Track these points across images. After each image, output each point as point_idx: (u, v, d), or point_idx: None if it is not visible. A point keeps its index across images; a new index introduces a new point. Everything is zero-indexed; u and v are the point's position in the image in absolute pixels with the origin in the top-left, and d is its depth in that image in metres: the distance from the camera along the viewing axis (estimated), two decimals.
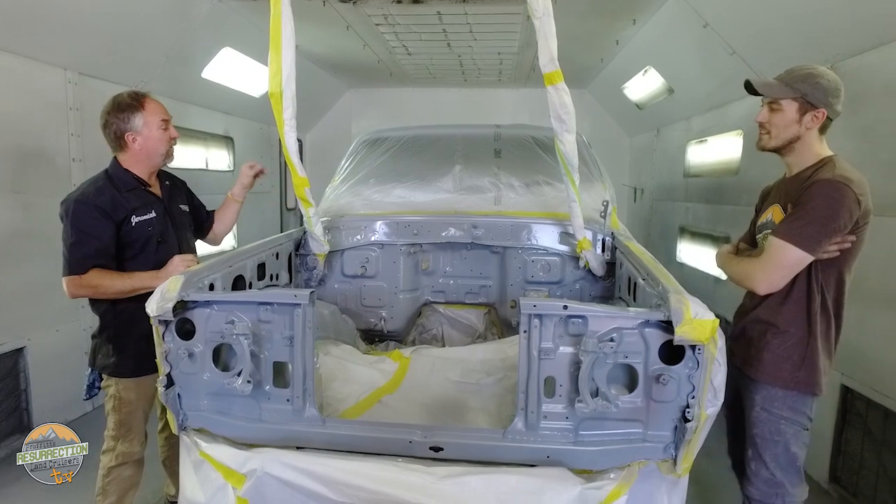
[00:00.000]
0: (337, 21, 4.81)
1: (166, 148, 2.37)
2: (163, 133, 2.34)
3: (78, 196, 2.21)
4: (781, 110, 1.97)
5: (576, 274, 3.04)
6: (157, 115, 2.32)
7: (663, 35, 4.78)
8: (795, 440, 2.00)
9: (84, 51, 3.69)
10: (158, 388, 1.90)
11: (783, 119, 1.97)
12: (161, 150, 2.35)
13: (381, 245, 3.17)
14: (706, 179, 5.16)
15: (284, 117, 2.33)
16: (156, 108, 2.33)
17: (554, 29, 2.15)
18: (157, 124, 2.31)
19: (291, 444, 1.88)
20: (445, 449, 1.78)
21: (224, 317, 1.87)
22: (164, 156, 2.37)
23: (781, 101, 1.97)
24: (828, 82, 1.92)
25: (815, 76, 1.92)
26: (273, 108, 2.33)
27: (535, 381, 1.73)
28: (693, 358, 1.61)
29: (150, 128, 2.30)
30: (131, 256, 2.29)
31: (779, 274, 1.91)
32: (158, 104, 2.36)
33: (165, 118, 2.35)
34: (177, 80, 4.76)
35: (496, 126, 3.77)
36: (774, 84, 1.99)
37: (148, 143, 2.31)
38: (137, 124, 2.28)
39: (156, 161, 2.37)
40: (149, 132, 2.30)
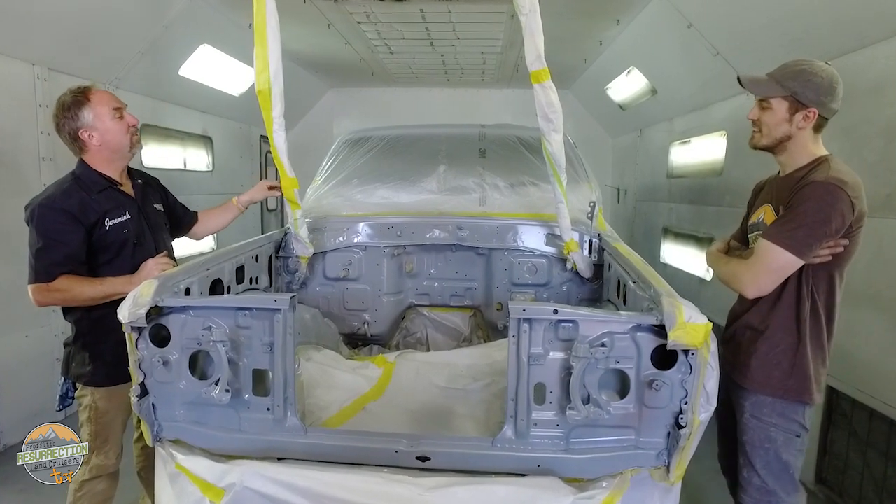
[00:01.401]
0: (318, 19, 4.72)
1: (127, 137, 2.21)
2: (118, 122, 2.18)
3: (43, 200, 2.08)
4: (771, 108, 1.90)
5: (563, 276, 3.00)
6: (105, 105, 2.15)
7: (647, 35, 4.78)
8: (787, 448, 1.93)
9: (54, 45, 3.56)
10: (131, 397, 1.81)
11: (773, 118, 1.91)
12: (122, 140, 2.19)
13: (363, 247, 3.10)
14: (690, 180, 5.18)
15: (273, 115, 2.25)
16: (102, 98, 2.16)
17: (541, 26, 2.11)
18: (108, 114, 2.15)
19: (272, 455, 1.81)
20: (433, 458, 1.72)
21: (201, 323, 1.79)
22: (130, 146, 2.23)
23: (771, 100, 1.90)
24: (821, 80, 1.83)
25: (808, 73, 1.84)
26: (261, 107, 2.24)
27: (524, 387, 1.68)
28: (686, 363, 1.57)
29: (103, 119, 2.15)
30: (107, 261, 2.19)
31: (767, 278, 1.85)
32: (105, 93, 2.19)
33: (117, 106, 2.18)
34: (153, 78, 4.64)
35: (481, 126, 3.72)
36: (763, 81, 1.92)
37: (106, 136, 2.16)
38: (88, 119, 2.12)
39: (122, 154, 2.23)
40: (102, 125, 2.15)
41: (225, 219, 2.74)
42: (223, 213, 2.74)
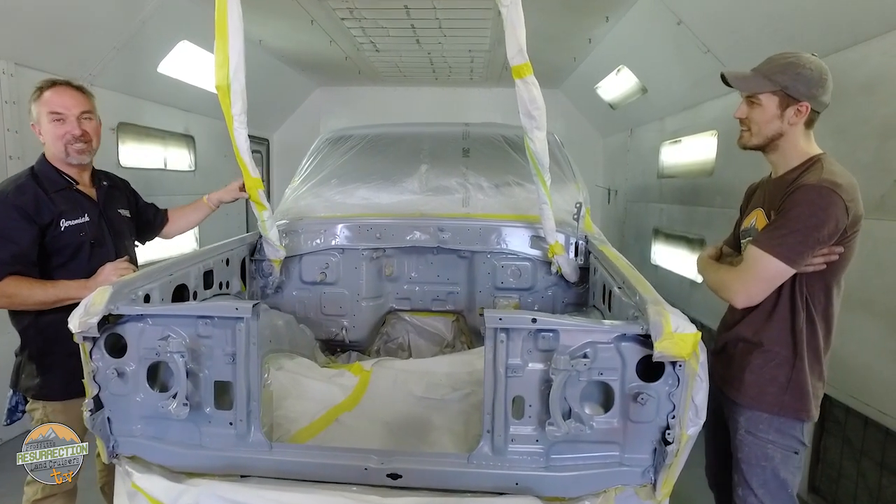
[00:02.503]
0: (300, 15, 4.61)
1: (61, 144, 2.08)
2: (55, 126, 2.06)
3: None
4: (760, 105, 1.80)
5: (548, 280, 2.90)
6: (45, 106, 2.06)
7: (636, 33, 4.70)
8: (785, 465, 1.83)
9: (21, 39, 3.41)
10: (84, 411, 1.69)
11: (763, 115, 1.80)
12: (56, 145, 2.08)
13: (341, 249, 2.98)
14: (680, 180, 5.10)
15: (233, 112, 2.14)
16: (48, 99, 2.06)
17: (522, 18, 2.00)
18: (46, 117, 2.06)
19: (235, 472, 1.70)
20: (404, 476, 1.61)
21: (159, 332, 1.68)
22: (66, 154, 2.09)
23: (760, 96, 1.79)
24: (811, 72, 1.73)
25: (797, 66, 1.74)
26: (221, 103, 2.14)
27: (501, 400, 1.58)
28: (673, 374, 1.48)
29: (42, 120, 2.07)
30: (60, 264, 2.08)
31: (757, 287, 1.75)
32: (57, 95, 2.07)
33: (55, 111, 2.06)
34: (130, 75, 4.50)
35: (465, 124, 3.62)
36: (750, 77, 1.82)
37: (46, 137, 2.09)
38: (34, 115, 2.09)
39: (61, 158, 2.11)
40: (43, 125, 2.08)
41: (195, 217, 2.66)
42: (193, 212, 2.65)
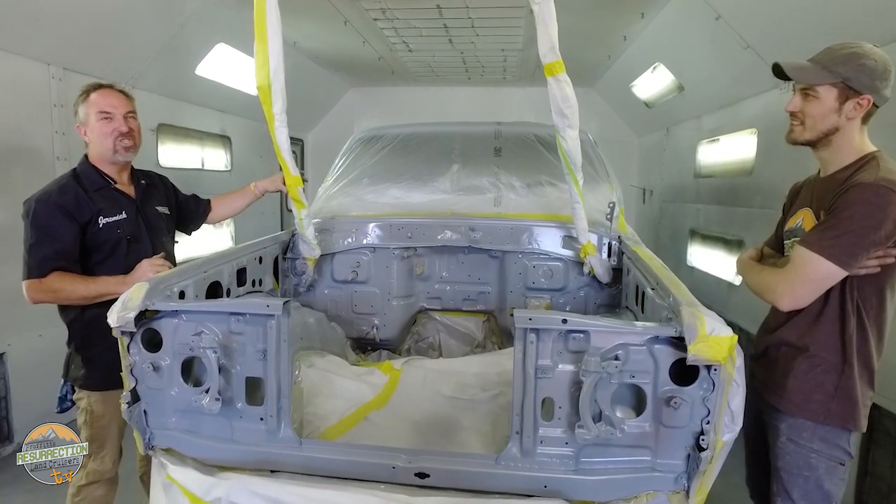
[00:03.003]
0: (334, 16, 4.66)
1: (110, 141, 2.18)
2: (101, 126, 2.17)
3: (39, 195, 2.08)
4: (817, 98, 1.69)
5: (580, 280, 2.85)
6: (95, 106, 2.16)
7: (673, 29, 4.59)
8: (829, 476, 1.74)
9: (68, 45, 3.55)
10: (122, 404, 1.74)
11: (819, 108, 1.69)
12: (104, 143, 2.18)
13: (373, 248, 3.00)
14: (718, 180, 4.96)
15: (274, 112, 2.19)
16: (96, 100, 2.17)
17: (554, 14, 1.97)
18: (94, 116, 2.16)
19: (265, 467, 1.72)
20: (432, 475, 1.61)
21: (193, 328, 1.71)
22: (113, 150, 2.20)
23: (818, 88, 1.68)
24: (875, 63, 1.62)
25: (860, 56, 1.63)
26: (262, 102, 2.19)
27: (531, 402, 1.55)
28: (708, 378, 1.43)
29: (90, 120, 2.17)
30: (99, 260, 2.16)
31: (805, 289, 1.67)
32: (103, 97, 2.18)
33: (104, 110, 2.17)
34: (169, 77, 4.63)
35: (497, 123, 3.59)
36: (809, 68, 1.70)
37: (93, 136, 2.19)
38: (81, 116, 2.18)
39: (107, 157, 2.21)
40: (91, 124, 2.17)
41: (240, 203, 2.76)
42: (239, 199, 2.76)
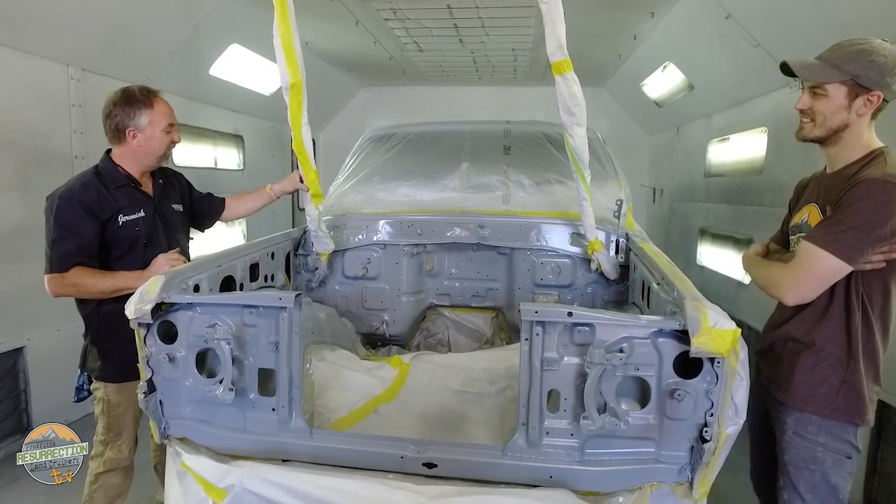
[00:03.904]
0: (345, 16, 4.71)
1: (165, 151, 2.31)
2: (165, 136, 2.28)
3: (63, 192, 2.14)
4: (826, 96, 1.69)
5: (587, 277, 2.87)
6: (164, 118, 2.27)
7: (683, 28, 4.59)
8: (836, 470, 1.74)
9: (87, 46, 3.63)
10: (138, 394, 1.80)
11: (829, 106, 1.69)
12: (159, 152, 2.30)
13: (383, 245, 3.04)
14: (728, 179, 4.95)
15: (303, 108, 2.26)
16: (164, 110, 2.27)
17: (562, 14, 2.00)
18: (161, 126, 2.26)
19: (277, 456, 1.76)
20: (439, 465, 1.64)
21: (207, 320, 1.76)
22: (161, 158, 2.32)
23: (827, 86, 1.69)
24: (885, 59, 1.62)
25: (869, 53, 1.63)
26: (291, 100, 2.24)
27: (536, 393, 1.58)
28: (712, 371, 1.45)
29: (154, 128, 2.25)
30: (118, 256, 2.22)
31: (810, 284, 1.68)
32: (168, 106, 2.30)
33: (172, 122, 2.30)
34: (184, 77, 4.70)
35: (506, 122, 3.62)
36: (817, 66, 1.70)
37: (149, 143, 2.25)
38: (142, 122, 2.22)
39: (150, 162, 2.32)
40: (152, 132, 2.24)
41: (254, 204, 2.80)
42: (254, 199, 2.79)
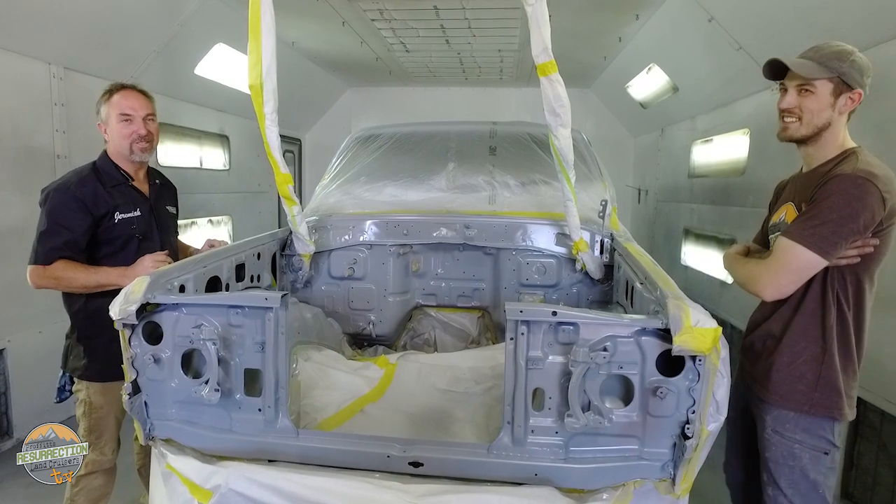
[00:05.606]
0: (332, 16, 4.70)
1: (126, 143, 2.26)
2: (121, 127, 2.24)
3: (59, 185, 2.15)
4: (814, 93, 1.73)
5: (573, 277, 2.90)
6: (116, 108, 2.24)
7: (667, 31, 4.65)
8: (814, 466, 1.78)
9: (70, 45, 3.59)
10: (123, 395, 1.78)
11: (817, 103, 1.73)
12: (121, 143, 2.26)
13: (369, 245, 3.03)
14: (712, 180, 5.02)
15: (265, 111, 2.21)
16: (118, 101, 2.25)
17: (547, 15, 2.02)
18: (115, 117, 2.24)
19: (263, 456, 1.76)
20: (426, 464, 1.65)
21: (193, 320, 1.75)
22: (129, 152, 2.27)
23: (815, 83, 1.72)
24: (861, 59, 1.70)
25: (849, 53, 1.70)
26: (253, 102, 2.21)
27: (521, 392, 1.60)
28: (693, 369, 1.47)
29: (111, 120, 2.24)
30: (110, 253, 2.21)
31: (787, 278, 1.71)
32: (125, 98, 2.26)
33: (124, 112, 2.24)
34: (168, 77, 4.66)
35: (492, 123, 3.64)
36: (808, 63, 1.74)
37: (111, 136, 2.26)
38: (103, 115, 2.26)
39: (125, 155, 2.29)
40: (110, 125, 2.25)
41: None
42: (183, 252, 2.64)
